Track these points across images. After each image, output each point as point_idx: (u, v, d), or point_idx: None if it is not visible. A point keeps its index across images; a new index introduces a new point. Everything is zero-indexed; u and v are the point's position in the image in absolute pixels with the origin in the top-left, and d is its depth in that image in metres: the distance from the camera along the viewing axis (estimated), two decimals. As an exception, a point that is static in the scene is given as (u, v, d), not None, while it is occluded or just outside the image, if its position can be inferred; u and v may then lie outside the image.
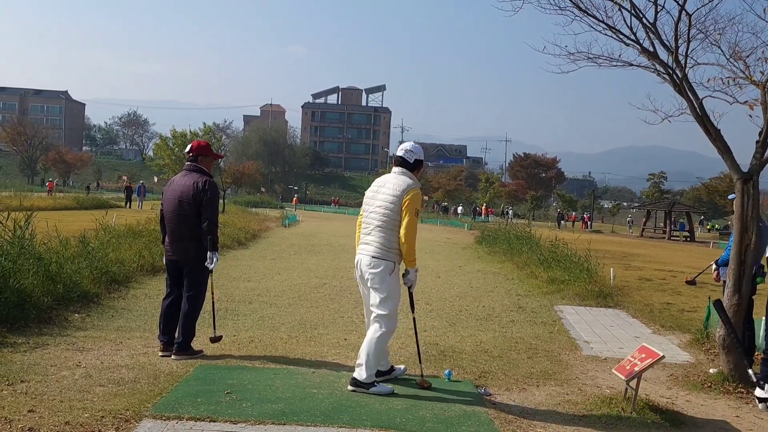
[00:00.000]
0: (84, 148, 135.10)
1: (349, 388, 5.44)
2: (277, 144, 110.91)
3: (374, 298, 5.52)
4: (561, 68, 7.27)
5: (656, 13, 6.70)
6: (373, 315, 5.56)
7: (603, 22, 6.92)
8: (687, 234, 50.57)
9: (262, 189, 79.68)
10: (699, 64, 6.95)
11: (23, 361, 5.75)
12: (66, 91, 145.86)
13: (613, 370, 5.90)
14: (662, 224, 53.74)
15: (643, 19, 6.74)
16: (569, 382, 6.35)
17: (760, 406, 5.87)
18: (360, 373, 5.42)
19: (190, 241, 6.27)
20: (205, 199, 6.23)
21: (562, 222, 61.32)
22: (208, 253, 6.26)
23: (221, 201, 42.08)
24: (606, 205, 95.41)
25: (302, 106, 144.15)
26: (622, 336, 8.99)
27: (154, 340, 6.83)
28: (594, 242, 25.53)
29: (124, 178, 62.72)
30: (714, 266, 8.25)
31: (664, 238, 48.84)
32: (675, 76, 6.59)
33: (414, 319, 6.13)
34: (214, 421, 4.43)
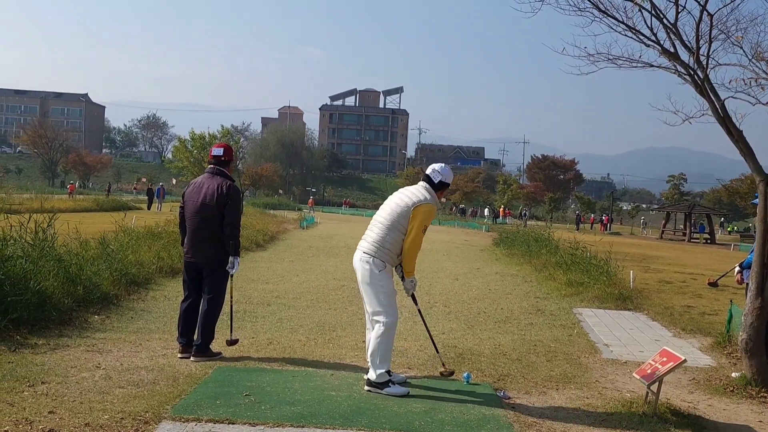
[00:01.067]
0: (104, 150, 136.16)
1: (366, 388, 5.47)
2: (294, 146, 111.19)
3: (367, 296, 5.56)
4: (581, 69, 7.22)
5: (677, 13, 6.64)
6: (370, 314, 5.58)
7: (623, 22, 6.86)
8: (707, 236, 50.11)
9: (280, 191, 79.90)
10: (720, 64, 6.88)
11: (43, 363, 5.79)
12: (86, 94, 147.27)
13: (634, 374, 5.84)
14: (682, 226, 53.31)
15: (664, 20, 6.67)
16: (589, 386, 6.30)
17: None
18: (372, 374, 5.44)
19: (212, 243, 6.30)
20: (228, 203, 6.26)
21: (581, 224, 60.94)
22: (230, 257, 6.28)
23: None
24: (625, 207, 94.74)
25: (320, 108, 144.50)
26: (642, 339, 8.92)
27: (173, 341, 6.85)
28: (613, 244, 25.37)
29: (143, 180, 63.14)
30: (737, 269, 8.17)
31: (684, 240, 48.45)
32: (696, 77, 6.52)
33: (419, 311, 6.25)
34: (233, 423, 4.44)
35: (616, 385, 6.42)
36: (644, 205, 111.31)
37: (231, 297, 6.95)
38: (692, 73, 6.59)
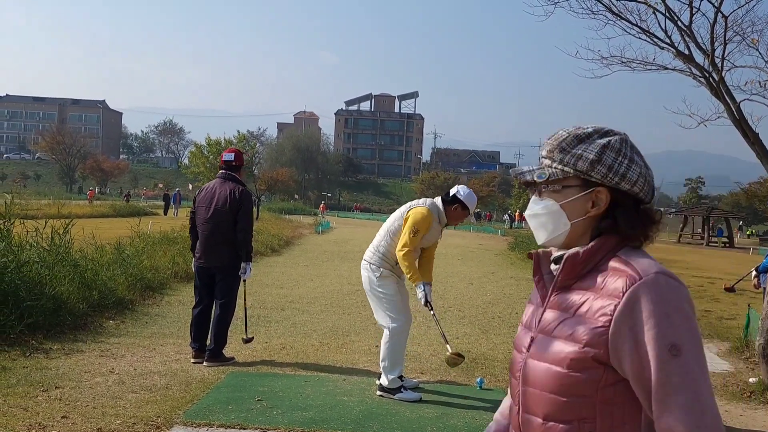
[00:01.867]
0: (121, 156, 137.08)
1: (378, 393, 5.44)
2: (310, 151, 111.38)
3: (371, 303, 5.53)
4: (594, 73, 7.19)
5: (691, 15, 6.60)
6: (378, 321, 5.55)
7: (636, 25, 6.83)
8: (726, 240, 49.56)
9: (296, 196, 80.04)
10: (736, 66, 6.83)
11: (58, 367, 5.82)
12: (103, 101, 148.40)
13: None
14: (700, 230, 52.80)
15: (678, 22, 6.64)
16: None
17: None
18: (383, 379, 5.41)
19: (224, 248, 6.31)
20: (242, 209, 6.28)
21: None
22: (243, 263, 6.30)
23: (255, 209, 42.42)
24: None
25: (335, 113, 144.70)
26: (658, 344, 8.82)
27: (187, 346, 6.86)
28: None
29: (160, 186, 63.49)
30: (754, 273, 8.07)
31: (702, 244, 48.00)
32: (711, 80, 6.47)
33: (434, 315, 6.05)
34: (245, 429, 4.44)
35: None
36: (662, 209, 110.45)
37: (245, 300, 7.00)
38: (707, 75, 6.54)
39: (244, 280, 6.53)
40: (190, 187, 62.68)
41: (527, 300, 1.69)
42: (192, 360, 6.35)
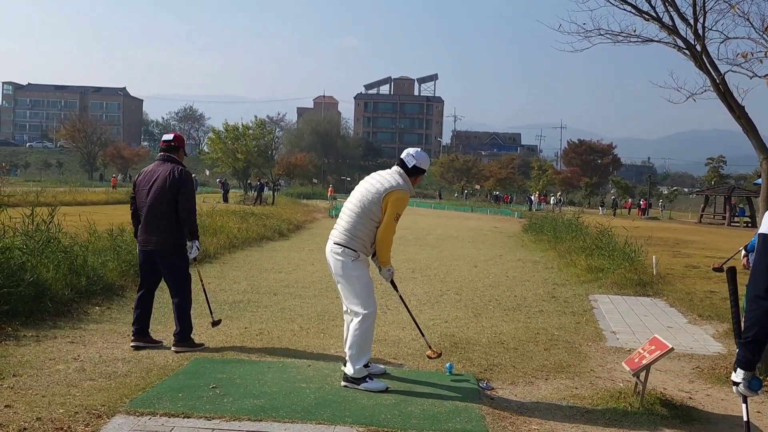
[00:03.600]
0: (142, 143, 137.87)
1: (342, 383, 5.26)
2: (329, 135, 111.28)
3: (342, 289, 5.32)
4: (573, 46, 6.94)
5: (674, -17, 6.33)
6: (345, 307, 5.37)
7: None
8: (748, 219, 48.85)
9: (314, 180, 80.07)
10: (729, 38, 6.55)
11: (23, 354, 5.74)
12: (124, 88, 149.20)
13: (622, 363, 5.59)
14: (722, 210, 52.08)
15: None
16: (582, 375, 6.05)
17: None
18: (349, 368, 5.23)
19: (167, 230, 6.18)
20: (181, 188, 6.15)
21: (617, 209, 59.87)
22: (188, 242, 6.17)
23: (271, 193, 42.40)
24: (664, 191, 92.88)
25: (355, 97, 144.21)
26: (654, 326, 8.61)
27: (165, 332, 6.81)
28: (649, 229, 24.89)
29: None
30: (743, 252, 7.82)
31: (724, 224, 47.33)
32: (695, 51, 6.21)
33: (401, 297, 6.13)
34: (189, 417, 4.30)
35: (613, 374, 6.17)
36: (686, 189, 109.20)
37: (201, 280, 6.99)
38: (691, 46, 6.28)
39: (195, 260, 6.40)
40: (208, 173, 62.85)
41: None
42: (131, 343, 6.24)
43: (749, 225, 47.04)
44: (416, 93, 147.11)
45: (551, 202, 64.55)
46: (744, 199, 52.89)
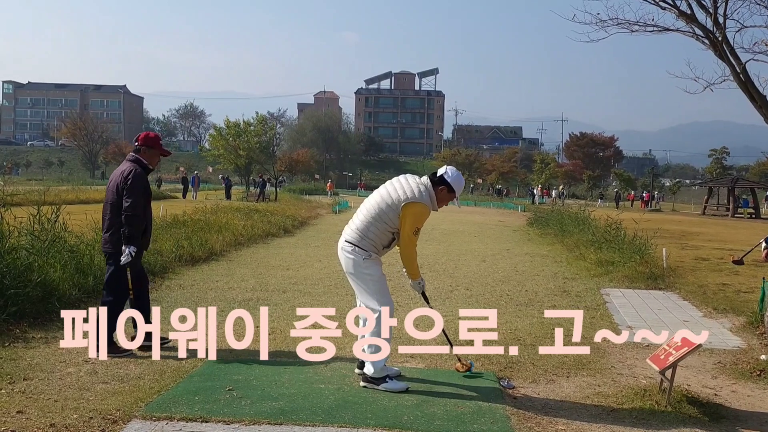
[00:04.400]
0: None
1: (361, 384, 5.14)
2: (331, 131, 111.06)
3: (355, 287, 5.22)
4: (589, 36, 6.80)
5: (692, -29, 6.19)
6: (361, 306, 5.25)
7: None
8: (751, 211, 48.64)
9: (316, 176, 79.95)
10: (746, 27, 6.41)
11: (33, 357, 5.62)
12: (124, 86, 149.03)
13: (647, 360, 5.46)
14: (725, 201, 51.89)
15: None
16: (603, 372, 5.93)
17: None
18: (368, 368, 5.11)
19: (114, 232, 5.97)
20: (126, 189, 5.89)
21: (620, 202, 59.67)
22: (123, 246, 5.88)
23: (273, 190, 42.25)
24: (667, 184, 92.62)
25: (355, 93, 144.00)
26: (669, 320, 8.48)
27: (173, 332, 6.65)
28: (653, 221, 24.74)
29: (181, 169, 63.60)
30: (764, 244, 7.68)
31: (728, 215, 47.15)
32: (715, 40, 6.06)
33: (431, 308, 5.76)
34: (207, 422, 4.18)
35: (634, 371, 6.04)
36: (687, 181, 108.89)
37: (131, 291, 6.24)
38: (711, 35, 6.14)
39: (125, 265, 5.97)
40: (210, 170, 62.72)
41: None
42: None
43: (753, 216, 46.88)
44: (417, 87, 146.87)
45: (553, 195, 64.40)
46: (747, 190, 52.69)
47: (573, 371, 5.92)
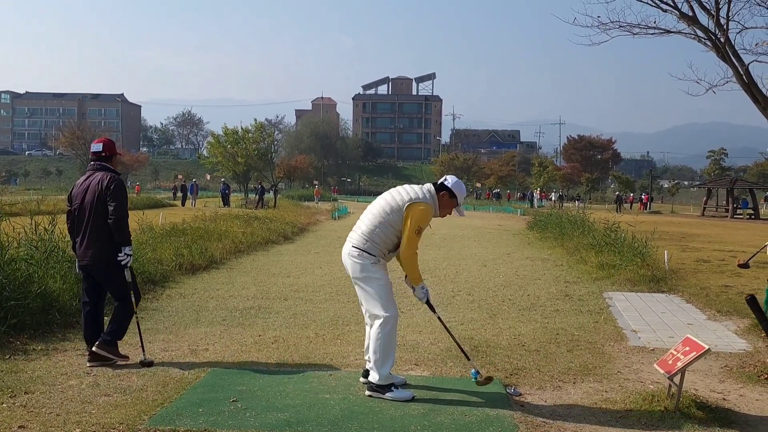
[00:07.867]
0: (142, 149, 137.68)
1: (366, 393, 5.08)
2: (329, 137, 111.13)
3: (360, 292, 5.16)
4: (591, 39, 6.77)
5: (694, -27, 6.16)
6: (366, 313, 5.20)
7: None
8: (751, 211, 48.65)
9: (315, 182, 80.00)
10: (747, 28, 6.39)
11: (34, 370, 5.56)
12: (122, 94, 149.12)
13: (655, 365, 5.40)
14: (724, 202, 51.87)
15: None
16: (610, 378, 5.88)
17: None
18: (374, 375, 5.05)
19: (101, 242, 5.88)
20: (110, 196, 5.86)
21: (623, 204, 59.52)
22: (122, 248, 5.87)
23: (272, 196, 42.19)
24: (665, 185, 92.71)
25: (353, 98, 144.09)
26: (674, 323, 8.44)
27: (177, 342, 6.64)
28: (652, 224, 24.66)
29: (180, 177, 63.61)
30: (769, 247, 7.63)
31: (727, 216, 47.14)
32: (717, 41, 6.03)
33: (439, 317, 5.64)
34: (211, 435, 4.13)
35: (641, 375, 5.99)
36: (686, 182, 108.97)
37: (135, 308, 6.16)
38: (713, 37, 6.11)
39: (126, 267, 5.95)
40: (208, 177, 62.70)
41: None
42: (87, 364, 5.83)
43: (752, 217, 46.88)
44: (414, 92, 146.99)
45: (552, 198, 64.36)
46: (747, 191, 52.70)
47: (579, 377, 5.87)
